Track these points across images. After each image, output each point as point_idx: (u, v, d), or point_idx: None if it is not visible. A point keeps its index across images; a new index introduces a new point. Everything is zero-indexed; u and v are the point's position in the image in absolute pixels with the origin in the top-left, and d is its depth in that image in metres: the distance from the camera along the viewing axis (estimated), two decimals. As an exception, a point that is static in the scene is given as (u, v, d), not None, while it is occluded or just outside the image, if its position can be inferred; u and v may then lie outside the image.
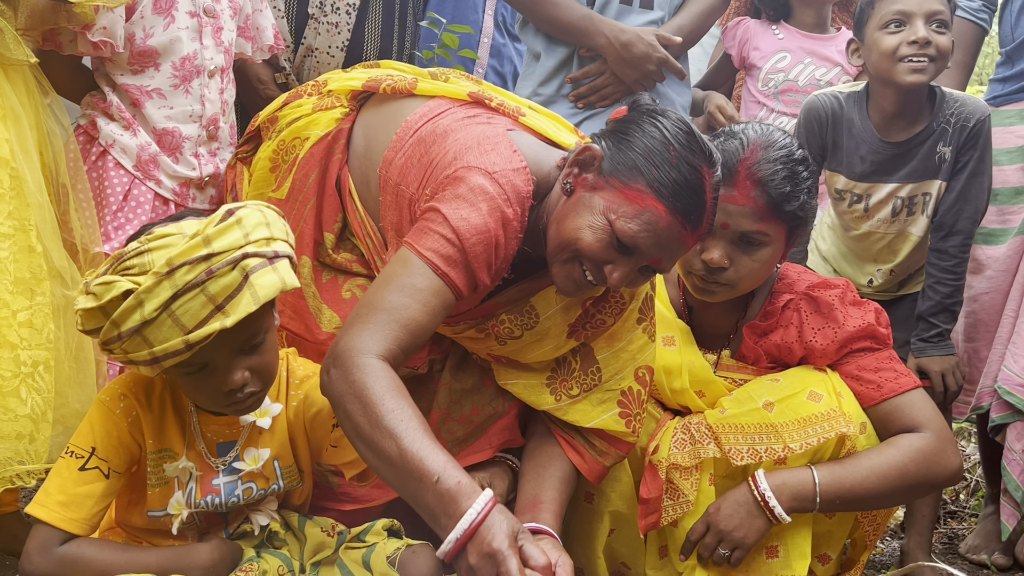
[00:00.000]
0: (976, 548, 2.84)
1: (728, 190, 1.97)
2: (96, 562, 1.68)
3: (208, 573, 1.73)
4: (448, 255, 1.68)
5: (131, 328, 1.53)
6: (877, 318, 2.10)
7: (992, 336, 2.83)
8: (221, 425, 1.82)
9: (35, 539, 1.69)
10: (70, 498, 1.69)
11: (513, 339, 1.96)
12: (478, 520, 1.44)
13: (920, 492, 2.10)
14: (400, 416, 1.51)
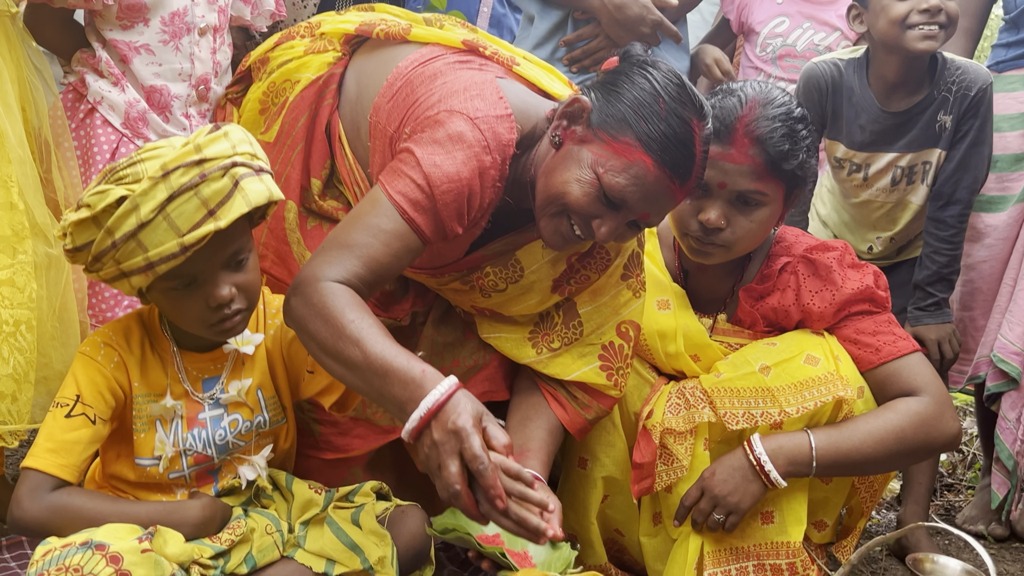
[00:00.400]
0: (973, 519, 2.82)
1: (726, 148, 1.94)
2: (86, 510, 1.66)
3: (197, 529, 1.71)
4: (416, 200, 1.67)
5: (126, 233, 1.56)
6: (876, 281, 2.07)
7: (989, 305, 2.81)
8: (204, 361, 1.84)
9: (24, 485, 1.67)
10: (58, 445, 1.68)
11: (497, 292, 1.94)
12: (442, 399, 1.46)
13: (919, 457, 2.07)
14: (360, 325, 1.54)
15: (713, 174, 1.95)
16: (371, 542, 1.81)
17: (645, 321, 2.15)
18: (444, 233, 1.73)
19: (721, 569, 2.01)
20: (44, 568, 1.51)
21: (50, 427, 1.70)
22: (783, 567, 2.00)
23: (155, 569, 1.53)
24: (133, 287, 1.66)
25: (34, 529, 1.64)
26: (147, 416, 1.79)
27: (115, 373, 1.75)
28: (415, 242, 1.70)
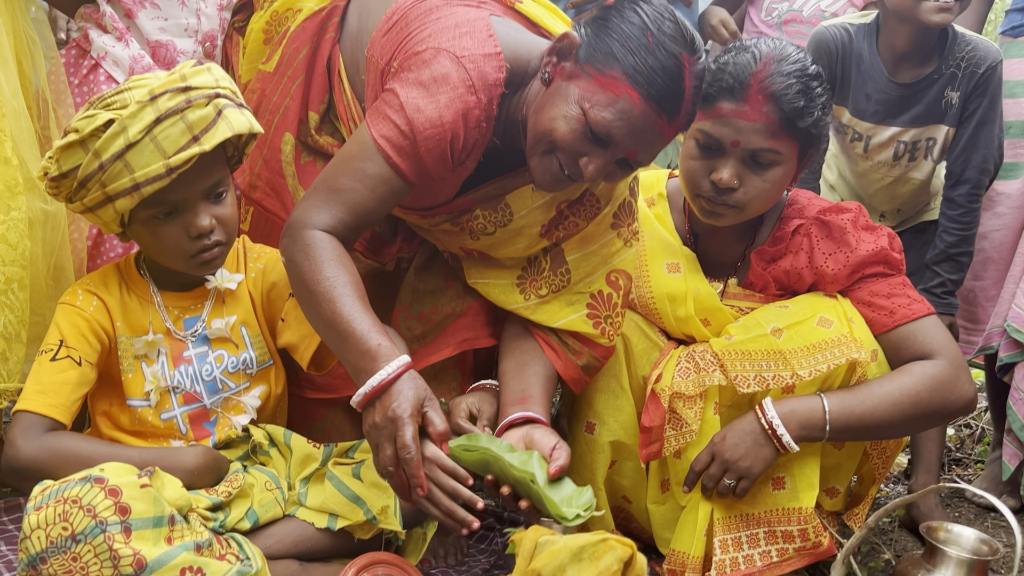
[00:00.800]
0: (984, 491, 2.77)
1: (739, 105, 1.89)
2: (81, 450, 1.66)
3: (192, 476, 1.69)
4: (400, 145, 1.69)
5: (114, 154, 1.61)
6: (890, 243, 2.02)
7: (1001, 275, 2.76)
8: (185, 300, 1.86)
9: (16, 426, 1.67)
10: (45, 386, 1.69)
11: (486, 235, 1.93)
12: (388, 380, 1.53)
13: (934, 421, 2.01)
14: (334, 283, 1.61)
15: (726, 132, 1.91)
16: (373, 494, 1.78)
17: (655, 285, 2.11)
18: (429, 176, 1.74)
19: (731, 536, 1.98)
20: (43, 502, 1.49)
21: (36, 372, 1.71)
22: (794, 533, 1.96)
23: (154, 505, 1.51)
24: (117, 212, 1.67)
25: (29, 470, 1.62)
26: (132, 356, 1.79)
27: (96, 316, 1.76)
28: (400, 186, 1.72)
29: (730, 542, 1.98)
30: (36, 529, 1.47)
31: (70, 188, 1.67)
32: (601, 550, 1.26)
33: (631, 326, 2.11)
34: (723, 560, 1.96)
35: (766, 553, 1.97)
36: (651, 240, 2.15)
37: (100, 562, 1.46)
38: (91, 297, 1.78)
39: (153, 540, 1.51)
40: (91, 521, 1.46)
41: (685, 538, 2.03)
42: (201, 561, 1.54)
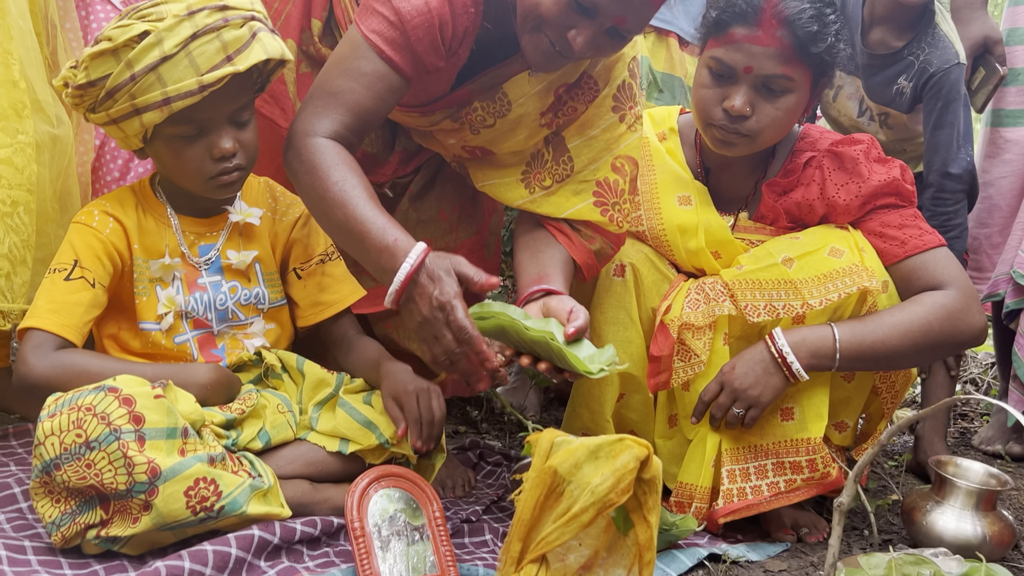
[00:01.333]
0: (990, 439, 2.79)
1: (752, 30, 1.88)
2: (92, 366, 1.65)
3: (204, 391, 1.69)
4: (391, 38, 1.69)
5: (148, 66, 1.59)
6: (902, 174, 2.02)
7: (1006, 222, 2.75)
8: (201, 226, 1.85)
9: (28, 344, 1.66)
10: (59, 305, 1.67)
11: (486, 128, 1.91)
12: (412, 270, 1.53)
13: (944, 350, 2.01)
14: (344, 187, 1.62)
15: (739, 58, 1.90)
16: (385, 419, 1.78)
17: (666, 217, 2.10)
18: (423, 67, 1.74)
19: (739, 467, 1.98)
20: (56, 409, 1.49)
21: (48, 290, 1.69)
22: (803, 464, 1.96)
23: (167, 416, 1.51)
24: (143, 126, 1.65)
25: (41, 386, 1.61)
26: (147, 279, 1.78)
27: (111, 239, 1.75)
28: (396, 80, 1.72)
29: (738, 473, 1.98)
30: (50, 436, 1.48)
31: (95, 98, 1.65)
32: (618, 449, 1.25)
33: (641, 258, 2.09)
34: (730, 490, 1.96)
35: (774, 484, 1.97)
36: (663, 174, 2.14)
37: (114, 469, 1.46)
38: (108, 218, 1.76)
39: (166, 451, 1.51)
40: (105, 428, 1.46)
41: (692, 470, 2.03)
42: (215, 473, 1.54)
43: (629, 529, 1.28)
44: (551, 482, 1.26)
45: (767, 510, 1.99)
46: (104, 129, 1.73)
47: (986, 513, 1.95)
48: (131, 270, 1.78)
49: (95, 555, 1.55)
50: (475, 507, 1.99)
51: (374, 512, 1.57)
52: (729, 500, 1.95)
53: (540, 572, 1.24)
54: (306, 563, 1.61)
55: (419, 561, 1.57)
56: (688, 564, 1.82)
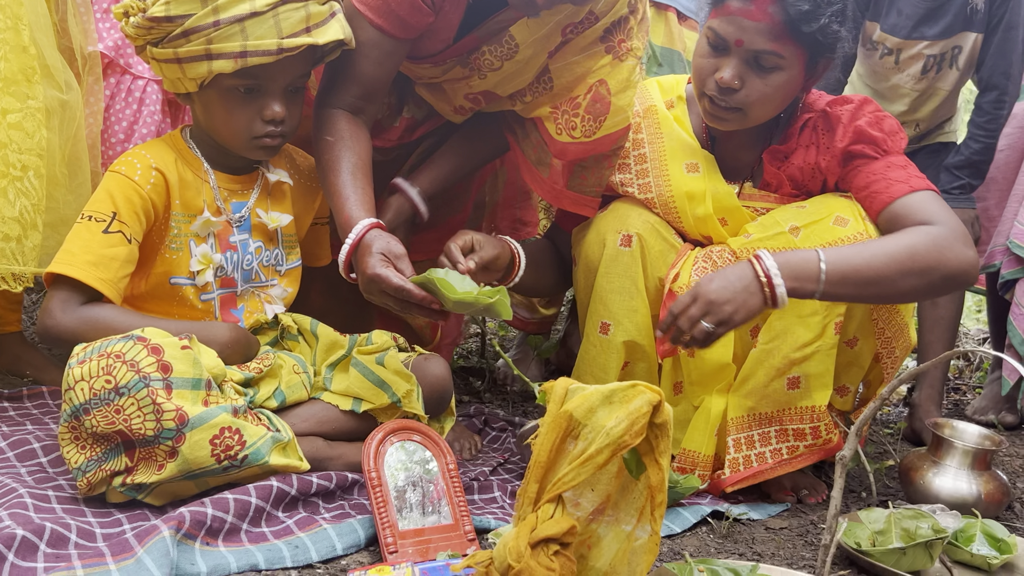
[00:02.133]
0: (983, 409, 2.84)
1: (746, 4, 1.89)
2: (118, 322, 1.67)
3: (224, 348, 1.72)
4: (376, 5, 1.81)
5: (235, 17, 1.66)
6: (876, 123, 2.00)
7: (1004, 195, 2.81)
8: (234, 183, 1.89)
9: (57, 296, 1.68)
10: (98, 258, 1.69)
11: (494, 71, 1.97)
12: (351, 246, 1.70)
13: (933, 281, 1.87)
14: (331, 157, 1.82)
15: (731, 30, 1.91)
16: (398, 379, 1.82)
17: (675, 183, 2.12)
18: (410, 26, 1.84)
19: (744, 435, 2.01)
20: (86, 356, 1.52)
21: (86, 239, 1.70)
22: (806, 431, 2.00)
23: (193, 367, 1.54)
24: (211, 71, 1.70)
25: (65, 339, 1.65)
26: (184, 235, 1.81)
27: (151, 194, 1.77)
28: (389, 44, 1.85)
29: (743, 441, 2.01)
30: (80, 381, 1.51)
31: (166, 33, 1.68)
32: (631, 394, 1.29)
33: (647, 228, 2.10)
34: (736, 459, 1.99)
35: (776, 451, 2.01)
36: (670, 141, 2.16)
37: (143, 415, 1.50)
38: (150, 172, 1.77)
39: (192, 400, 1.54)
40: (135, 375, 1.50)
41: (696, 437, 2.06)
42: (239, 423, 1.58)
43: (641, 472, 1.32)
44: (567, 426, 1.30)
45: (771, 477, 2.02)
46: (158, 66, 1.75)
47: (981, 472, 2.00)
48: (165, 224, 1.80)
49: (117, 504, 1.59)
50: (483, 468, 2.03)
51: (390, 463, 1.61)
52: (735, 469, 1.98)
53: (556, 511, 1.28)
54: (322, 514, 1.65)
55: (433, 511, 1.61)
56: (692, 520, 1.87)
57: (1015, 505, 2.14)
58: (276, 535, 1.55)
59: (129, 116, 2.16)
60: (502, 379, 2.88)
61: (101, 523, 1.51)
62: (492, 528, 1.69)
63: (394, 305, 1.67)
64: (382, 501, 1.56)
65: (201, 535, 1.46)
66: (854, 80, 2.85)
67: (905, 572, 1.63)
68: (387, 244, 1.68)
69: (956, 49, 2.59)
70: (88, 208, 1.74)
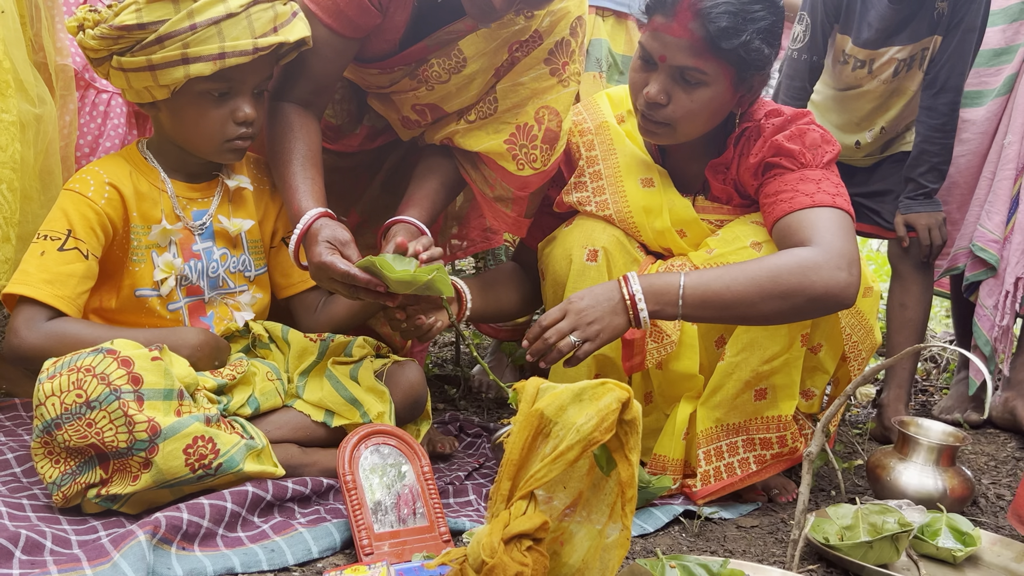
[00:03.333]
0: (949, 408, 2.89)
1: (668, 20, 1.91)
2: (84, 335, 1.68)
3: (194, 353, 1.73)
4: (324, 5, 1.86)
5: (211, 19, 1.69)
6: (796, 138, 2.00)
7: (966, 199, 2.87)
8: (194, 191, 1.90)
9: (21, 315, 1.69)
10: (53, 276, 1.70)
11: (441, 84, 1.99)
12: (299, 235, 1.76)
13: (798, 305, 1.84)
14: (282, 148, 1.87)
15: (656, 46, 1.93)
16: (371, 398, 1.83)
17: (631, 199, 2.13)
18: (358, 26, 1.89)
19: (713, 446, 2.03)
20: (56, 371, 1.52)
21: (42, 258, 1.71)
22: (773, 440, 2.03)
23: (165, 377, 1.55)
24: (188, 75, 1.71)
25: (32, 356, 1.66)
26: (144, 245, 1.82)
27: (107, 209, 1.78)
28: (339, 42, 1.90)
29: (712, 452, 2.03)
30: (51, 396, 1.51)
31: (136, 41, 1.68)
32: (600, 392, 1.32)
33: (612, 241, 2.12)
34: (707, 471, 2.01)
35: (744, 461, 2.03)
36: (624, 157, 2.17)
37: (115, 428, 1.50)
38: (104, 187, 1.79)
39: (164, 411, 1.55)
40: (105, 388, 1.50)
41: (665, 442, 2.08)
42: (212, 432, 1.59)
43: (612, 469, 1.34)
44: (538, 424, 1.32)
45: (741, 488, 2.05)
46: (123, 76, 1.74)
47: (946, 468, 2.04)
48: (126, 238, 1.81)
49: (93, 513, 1.59)
50: (458, 473, 2.05)
51: (365, 467, 1.63)
52: (707, 482, 2.01)
53: (529, 508, 1.30)
54: (298, 519, 1.66)
55: (408, 513, 1.62)
56: (664, 520, 1.90)
57: (979, 500, 2.19)
58: (252, 539, 1.56)
59: (94, 130, 2.16)
60: (477, 386, 2.90)
61: (76, 530, 1.52)
62: (466, 530, 1.71)
63: (343, 291, 1.71)
64: (358, 504, 1.58)
65: (177, 540, 1.47)
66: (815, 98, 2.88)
67: (872, 565, 1.67)
68: (333, 232, 1.73)
69: (924, 51, 2.63)
70: (43, 227, 1.75)
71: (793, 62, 2.73)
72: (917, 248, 2.68)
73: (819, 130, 2.02)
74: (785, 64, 2.78)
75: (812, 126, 2.03)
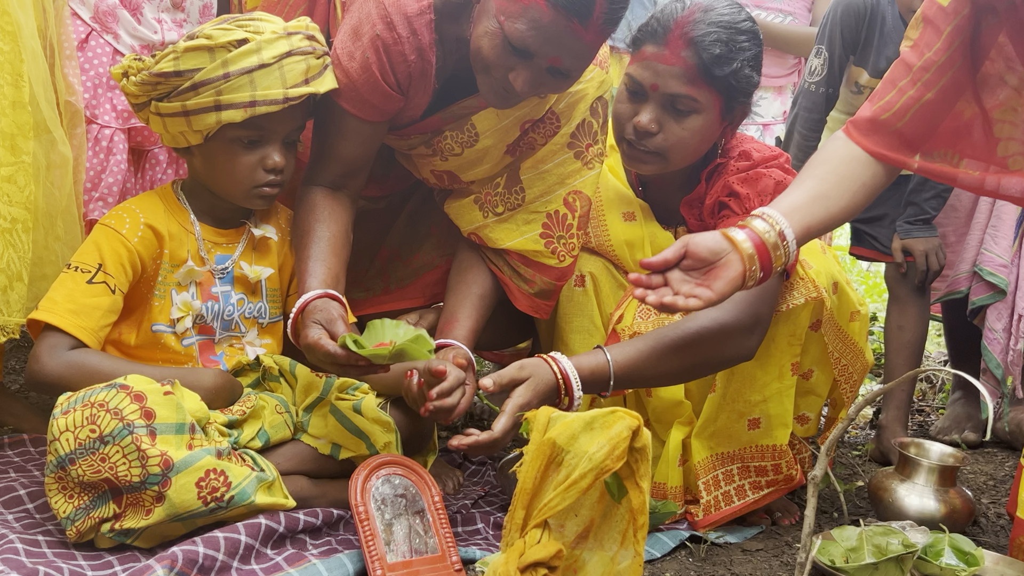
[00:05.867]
0: (946, 429, 2.92)
1: (660, 49, 1.95)
2: (104, 367, 1.71)
3: (210, 395, 1.75)
4: (351, 97, 1.87)
5: (243, 69, 1.74)
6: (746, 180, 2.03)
7: (961, 222, 2.90)
8: (220, 236, 1.94)
9: (43, 343, 1.72)
10: (79, 307, 1.73)
11: (454, 156, 2.01)
12: (293, 317, 1.75)
13: (711, 366, 1.95)
14: (303, 231, 1.89)
15: (647, 75, 1.96)
16: (376, 429, 1.85)
17: (612, 232, 2.16)
18: (385, 112, 1.91)
19: (711, 476, 2.04)
20: (70, 407, 1.55)
21: (70, 288, 1.75)
22: (768, 468, 2.05)
23: (177, 412, 1.57)
24: (220, 121, 1.76)
25: (52, 384, 1.68)
26: (168, 284, 1.85)
27: (139, 247, 1.82)
28: (368, 128, 1.92)
29: (711, 482, 2.04)
30: (65, 432, 1.53)
31: (173, 87, 1.74)
32: (611, 420, 1.34)
33: (599, 267, 2.15)
34: (708, 501, 2.03)
35: (741, 488, 2.05)
36: (606, 191, 2.19)
37: (128, 462, 1.52)
38: (139, 225, 1.83)
39: (176, 445, 1.57)
40: (118, 423, 1.52)
41: (663, 470, 2.09)
42: (223, 464, 1.61)
43: (623, 496, 1.37)
44: (550, 453, 1.35)
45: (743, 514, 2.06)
46: (160, 122, 1.80)
47: (947, 489, 2.07)
48: (154, 275, 1.85)
49: (107, 548, 1.60)
50: (464, 501, 2.07)
51: (376, 497, 1.64)
52: (708, 512, 2.02)
53: (543, 536, 1.33)
54: (310, 550, 1.67)
55: (420, 543, 1.64)
56: (671, 545, 1.92)
57: (980, 520, 2.21)
58: (266, 572, 1.57)
59: (96, 165, 2.18)
60: (479, 414, 2.91)
61: (92, 565, 1.53)
62: (478, 559, 1.72)
63: (333, 370, 1.72)
64: (370, 535, 1.59)
65: (193, 573, 1.48)
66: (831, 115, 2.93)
67: (878, 586, 1.69)
68: (324, 313, 1.70)
69: None
70: (75, 259, 1.79)
71: (810, 95, 2.79)
72: (914, 272, 2.72)
73: (779, 175, 2.04)
74: (802, 96, 2.83)
75: (773, 171, 2.05)
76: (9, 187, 1.93)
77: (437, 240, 2.25)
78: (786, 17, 3.21)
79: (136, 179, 2.32)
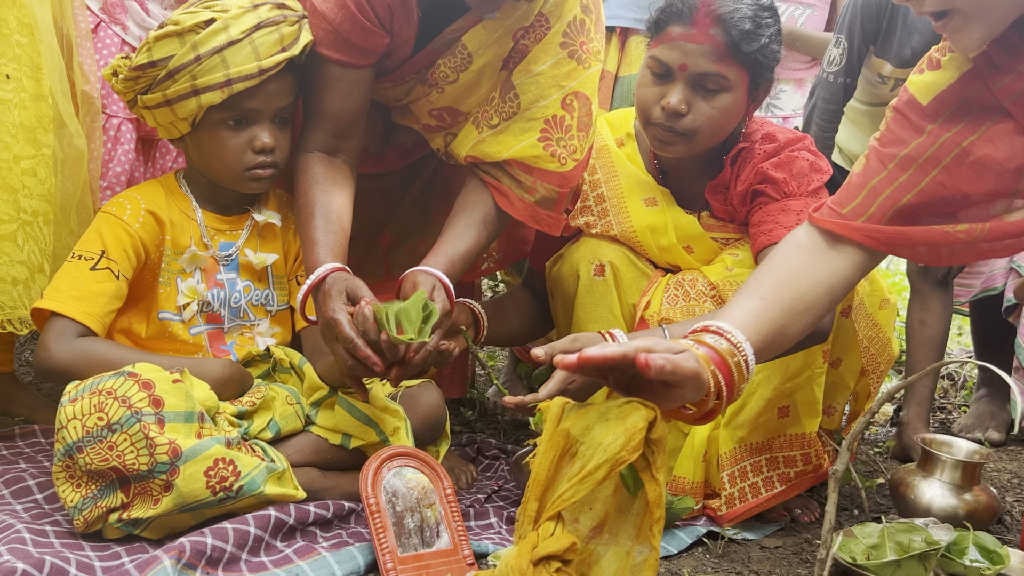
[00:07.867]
0: (970, 427, 2.87)
1: (688, 28, 1.93)
2: (110, 354, 1.70)
3: (219, 385, 1.73)
4: (330, 41, 1.84)
5: (213, 49, 1.73)
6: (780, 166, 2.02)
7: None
8: (223, 223, 1.93)
9: (51, 330, 1.71)
10: (83, 293, 1.72)
11: (450, 84, 1.96)
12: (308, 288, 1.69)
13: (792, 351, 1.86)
14: (305, 202, 1.83)
15: (675, 56, 1.94)
16: (384, 416, 1.83)
17: (635, 218, 2.13)
18: (369, 52, 1.86)
19: (737, 467, 2.00)
20: (78, 395, 1.53)
21: (74, 276, 1.74)
22: (797, 458, 2.01)
23: (186, 400, 1.55)
24: (201, 106, 1.75)
25: (60, 372, 1.67)
26: (172, 271, 1.84)
27: (141, 232, 1.81)
28: (354, 74, 1.88)
29: (737, 474, 2.00)
30: (72, 419, 1.52)
31: (153, 79, 1.75)
32: (627, 411, 1.31)
33: (619, 256, 2.12)
34: (732, 494, 1.99)
35: (769, 480, 2.01)
36: (626, 179, 2.17)
37: (136, 450, 1.50)
38: (140, 212, 1.82)
39: (185, 433, 1.55)
40: (126, 411, 1.50)
41: (685, 464, 2.06)
42: (233, 454, 1.58)
43: (639, 489, 1.33)
44: (564, 444, 1.31)
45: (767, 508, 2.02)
46: (151, 115, 1.80)
47: (971, 486, 2.02)
48: (158, 262, 1.84)
49: (115, 539, 1.58)
50: (478, 495, 2.04)
51: (388, 490, 1.62)
52: (732, 505, 1.98)
53: (557, 528, 1.29)
54: (320, 543, 1.65)
55: (432, 536, 1.61)
56: (688, 541, 1.88)
57: (1004, 518, 2.17)
58: (275, 564, 1.55)
59: (104, 155, 2.18)
60: (492, 408, 2.89)
61: (99, 556, 1.51)
62: (490, 552, 1.70)
63: (341, 356, 1.62)
64: (381, 527, 1.57)
65: (201, 565, 1.46)
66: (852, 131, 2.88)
67: (900, 584, 1.65)
68: (346, 285, 1.66)
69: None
70: (78, 247, 1.79)
71: (829, 85, 2.75)
72: (936, 266, 2.67)
73: (810, 157, 2.03)
74: (819, 87, 2.80)
75: (803, 152, 2.04)
76: (31, 180, 1.92)
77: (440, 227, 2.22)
78: (807, 9, 3.17)
79: (146, 168, 2.30)
